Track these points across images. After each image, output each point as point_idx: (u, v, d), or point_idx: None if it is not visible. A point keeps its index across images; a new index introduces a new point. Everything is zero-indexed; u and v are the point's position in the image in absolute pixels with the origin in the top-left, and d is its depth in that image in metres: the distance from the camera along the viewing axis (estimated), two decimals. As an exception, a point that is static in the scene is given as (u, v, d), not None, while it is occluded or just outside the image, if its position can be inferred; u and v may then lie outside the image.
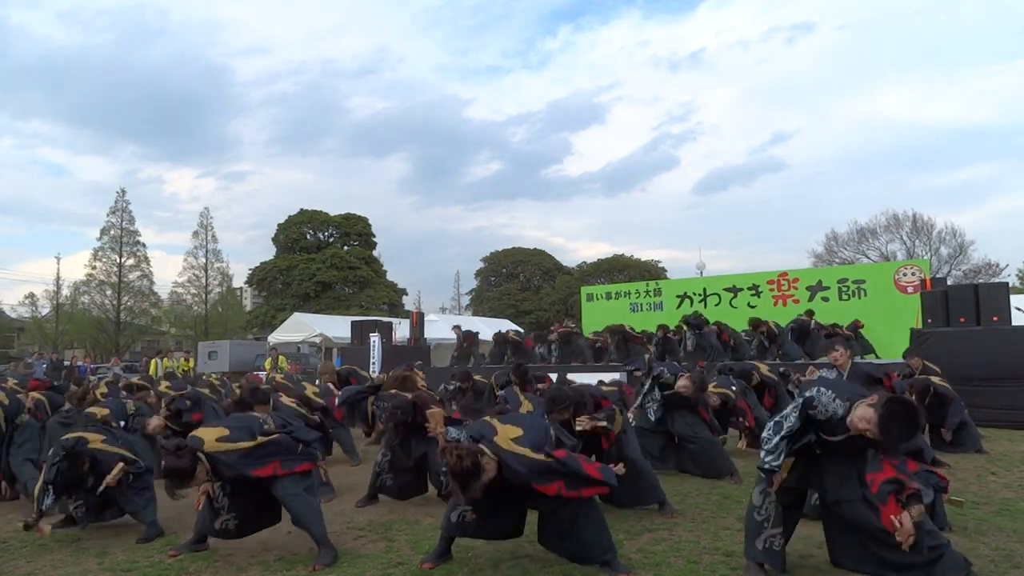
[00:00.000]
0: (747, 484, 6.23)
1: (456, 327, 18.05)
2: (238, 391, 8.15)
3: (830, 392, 3.34)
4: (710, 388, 7.09)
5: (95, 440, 4.81)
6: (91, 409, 5.83)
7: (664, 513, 5.10)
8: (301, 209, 49.44)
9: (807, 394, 3.40)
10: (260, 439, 4.20)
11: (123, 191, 41.93)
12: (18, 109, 64.45)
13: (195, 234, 43.77)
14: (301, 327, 27.11)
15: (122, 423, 5.87)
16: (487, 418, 3.89)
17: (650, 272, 49.84)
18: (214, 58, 78.85)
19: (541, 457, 3.60)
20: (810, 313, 14.49)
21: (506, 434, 3.65)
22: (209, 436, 4.09)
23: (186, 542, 4.45)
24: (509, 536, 4.10)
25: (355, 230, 49.80)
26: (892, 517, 3.21)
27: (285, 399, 7.04)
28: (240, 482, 4.21)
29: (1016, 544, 4.17)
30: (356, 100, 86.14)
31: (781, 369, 9.49)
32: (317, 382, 9.52)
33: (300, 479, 4.31)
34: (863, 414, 3.14)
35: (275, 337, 27.20)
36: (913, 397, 7.13)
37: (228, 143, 75.78)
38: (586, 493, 3.73)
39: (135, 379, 10.30)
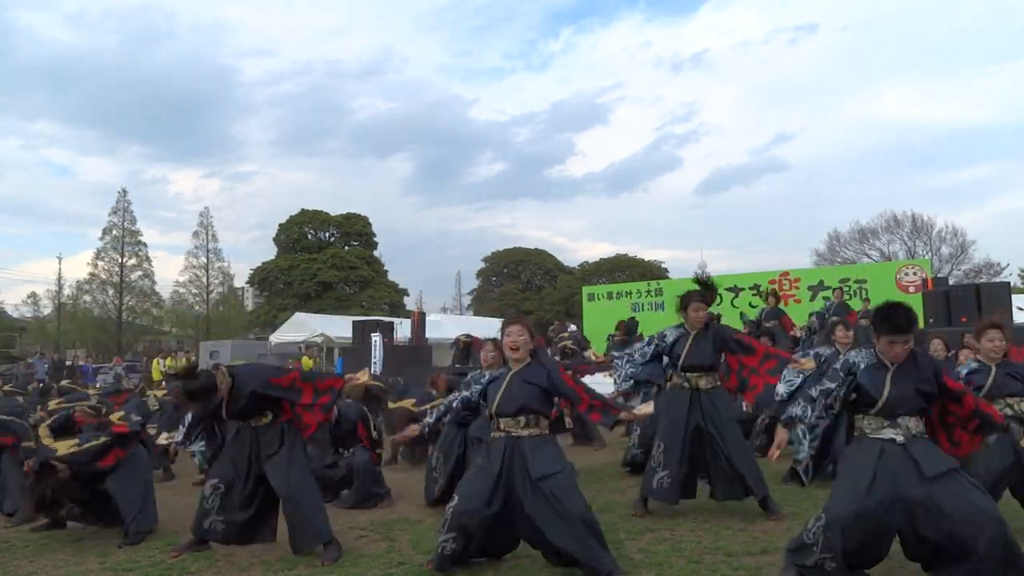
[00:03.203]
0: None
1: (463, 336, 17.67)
2: None
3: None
4: None
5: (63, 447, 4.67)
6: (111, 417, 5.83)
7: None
8: (302, 209, 49.38)
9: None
10: None
11: (124, 191, 41.72)
12: (24, 110, 64.41)
13: (195, 234, 43.72)
14: (302, 327, 27.08)
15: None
16: None
17: (652, 272, 49.71)
18: (219, 59, 78.71)
19: None
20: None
21: None
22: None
23: (188, 542, 4.44)
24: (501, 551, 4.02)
25: (356, 230, 49.81)
26: None
27: None
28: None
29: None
30: (360, 101, 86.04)
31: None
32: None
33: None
34: None
35: (276, 337, 27.18)
36: None
37: (232, 144, 75.72)
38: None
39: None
